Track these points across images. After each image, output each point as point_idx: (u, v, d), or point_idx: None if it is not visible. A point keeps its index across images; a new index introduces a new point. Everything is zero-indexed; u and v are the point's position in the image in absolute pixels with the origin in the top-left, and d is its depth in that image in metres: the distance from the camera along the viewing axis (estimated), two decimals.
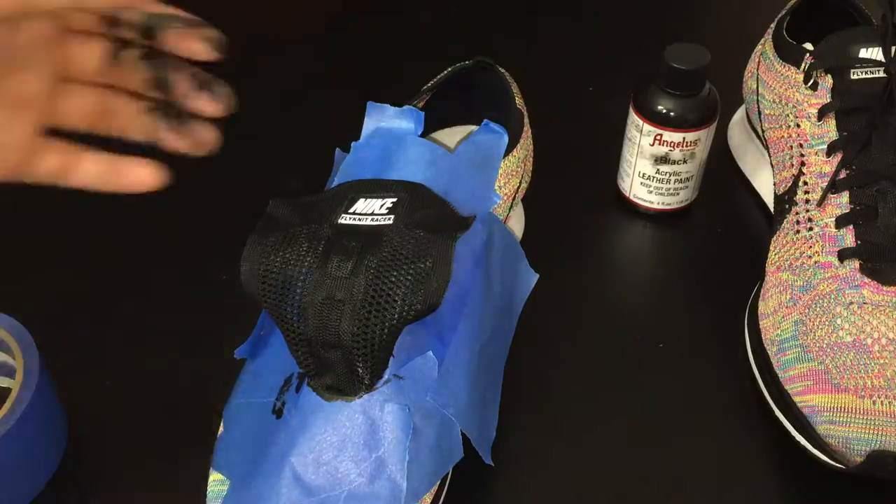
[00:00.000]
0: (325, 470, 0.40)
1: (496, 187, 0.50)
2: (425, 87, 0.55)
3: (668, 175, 0.59)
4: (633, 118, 0.58)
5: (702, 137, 0.58)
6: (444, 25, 0.81)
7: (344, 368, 0.40)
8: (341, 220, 0.42)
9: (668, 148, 0.58)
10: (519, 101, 0.55)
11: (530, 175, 0.57)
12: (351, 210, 0.43)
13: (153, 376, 0.52)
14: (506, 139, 0.50)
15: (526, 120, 0.55)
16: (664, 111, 0.57)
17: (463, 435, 0.43)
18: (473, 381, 0.44)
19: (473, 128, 0.58)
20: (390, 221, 0.42)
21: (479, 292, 0.45)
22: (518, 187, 0.54)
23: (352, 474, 0.40)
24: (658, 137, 0.57)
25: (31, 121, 0.34)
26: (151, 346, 0.54)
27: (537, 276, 0.49)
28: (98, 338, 0.55)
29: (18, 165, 0.35)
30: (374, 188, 0.44)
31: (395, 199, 0.43)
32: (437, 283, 0.40)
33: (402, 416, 0.41)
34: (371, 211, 0.42)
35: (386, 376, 0.41)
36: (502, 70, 0.56)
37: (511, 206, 0.54)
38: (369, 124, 0.50)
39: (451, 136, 0.57)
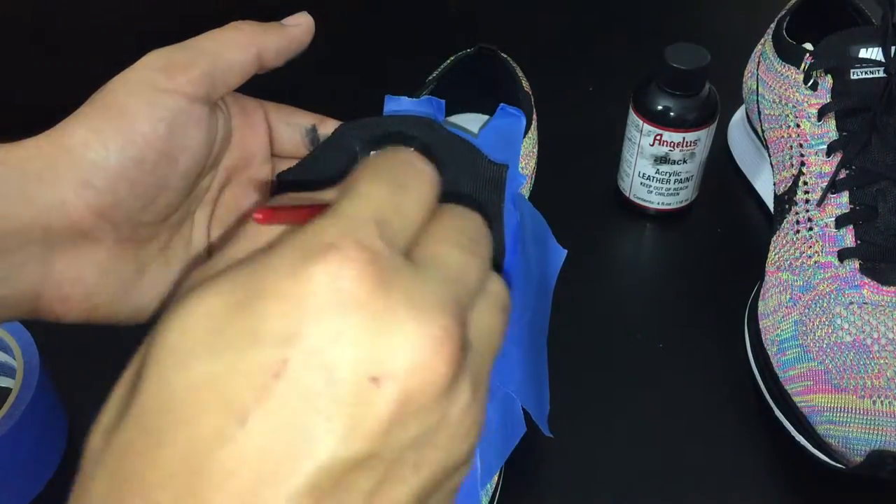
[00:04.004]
0: None
1: (519, 168, 0.50)
2: (430, 78, 0.56)
3: (668, 175, 0.59)
4: (633, 118, 0.58)
5: (702, 137, 0.58)
6: (443, 26, 0.81)
7: None
8: None
9: (668, 148, 0.58)
10: (525, 84, 0.55)
11: (533, 174, 0.57)
12: None
13: None
14: (524, 121, 0.51)
15: (533, 102, 0.55)
16: (664, 111, 0.57)
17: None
18: (525, 357, 0.44)
19: (482, 116, 0.58)
20: None
21: (519, 270, 0.45)
22: (535, 169, 0.54)
23: None
24: (658, 137, 0.57)
25: None
26: None
27: (565, 251, 0.49)
28: (98, 338, 0.55)
29: None
30: (379, 132, 0.39)
31: (410, 149, 0.41)
32: (493, 255, 0.39)
33: None
34: None
35: None
36: (505, 56, 0.56)
37: (530, 188, 0.54)
38: None
39: (464, 123, 0.58)
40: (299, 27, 0.37)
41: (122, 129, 0.32)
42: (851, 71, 0.51)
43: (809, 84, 0.53)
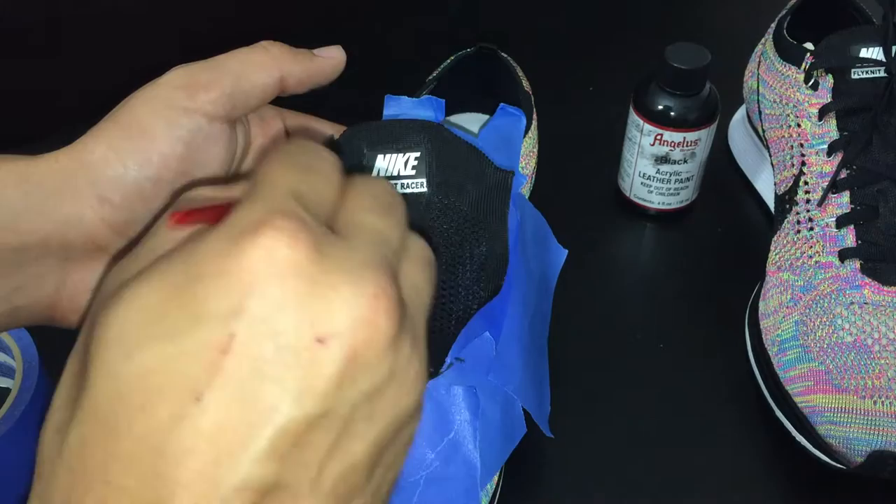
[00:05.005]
0: None
1: (519, 168, 0.50)
2: (430, 78, 0.56)
3: (668, 175, 0.59)
4: (634, 118, 0.58)
5: (702, 137, 0.58)
6: (441, 27, 0.81)
7: None
8: None
9: (669, 148, 0.57)
10: (525, 84, 0.55)
11: (533, 174, 0.57)
12: (374, 174, 0.40)
13: None
14: (524, 120, 0.50)
15: (533, 102, 0.55)
16: (664, 111, 0.57)
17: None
18: (525, 357, 0.44)
19: (482, 116, 0.58)
20: (423, 189, 0.40)
21: (519, 271, 0.45)
22: (535, 169, 0.54)
23: (428, 458, 0.40)
24: (658, 137, 0.57)
25: None
26: None
27: (566, 251, 0.49)
28: None
29: None
30: (386, 137, 0.40)
31: (417, 154, 0.41)
32: (496, 265, 0.40)
33: (468, 397, 0.41)
34: (397, 172, 0.40)
35: (448, 360, 0.41)
36: (505, 56, 0.56)
37: (530, 188, 0.54)
38: (389, 117, 0.50)
39: (464, 123, 0.58)
40: (330, 61, 0.37)
41: (140, 147, 0.32)
42: (852, 70, 0.51)
43: (810, 84, 0.53)
